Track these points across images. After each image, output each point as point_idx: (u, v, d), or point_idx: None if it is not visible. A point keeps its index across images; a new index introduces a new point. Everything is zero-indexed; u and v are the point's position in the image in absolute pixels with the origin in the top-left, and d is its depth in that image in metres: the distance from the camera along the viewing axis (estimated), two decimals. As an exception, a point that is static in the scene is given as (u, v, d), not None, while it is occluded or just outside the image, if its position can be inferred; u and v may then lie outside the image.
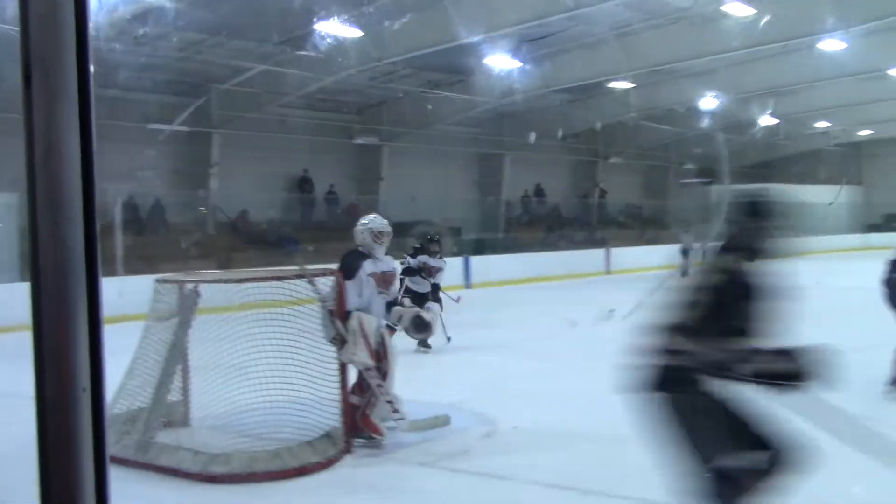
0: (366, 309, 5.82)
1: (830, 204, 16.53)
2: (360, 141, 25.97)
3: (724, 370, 3.15)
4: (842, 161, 43.70)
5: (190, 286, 5.94)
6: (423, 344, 10.56)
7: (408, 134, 26.39)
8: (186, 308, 5.90)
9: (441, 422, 6.19)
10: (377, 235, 6.12)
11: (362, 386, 5.87)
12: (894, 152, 42.25)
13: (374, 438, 5.67)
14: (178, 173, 21.71)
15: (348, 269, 5.93)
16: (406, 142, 26.60)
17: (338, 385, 5.54)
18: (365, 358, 5.68)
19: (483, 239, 26.17)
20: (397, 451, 5.50)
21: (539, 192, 32.12)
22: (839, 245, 36.55)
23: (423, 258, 10.58)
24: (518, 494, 4.65)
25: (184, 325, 5.90)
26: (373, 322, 5.83)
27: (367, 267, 5.97)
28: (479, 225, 28.19)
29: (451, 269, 20.69)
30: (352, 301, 5.78)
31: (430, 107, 25.20)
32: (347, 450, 5.47)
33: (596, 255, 25.94)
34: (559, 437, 5.74)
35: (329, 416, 5.50)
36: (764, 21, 19.45)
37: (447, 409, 6.54)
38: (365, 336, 5.67)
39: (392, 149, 26.63)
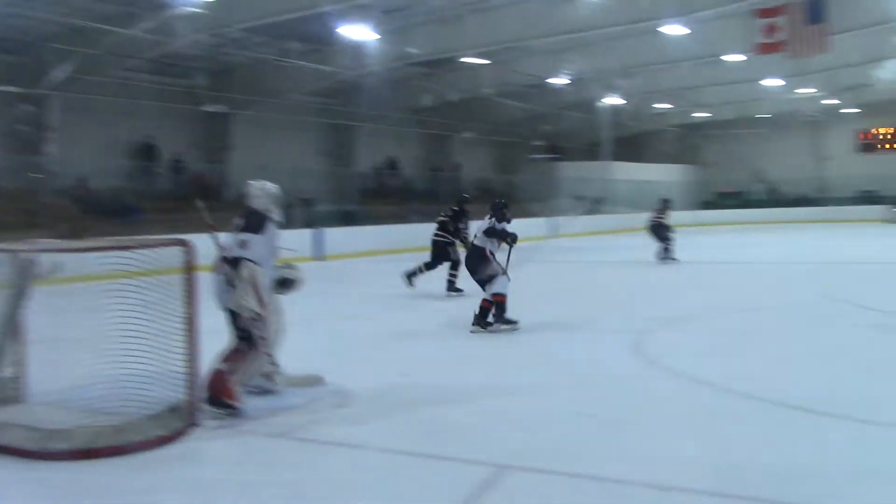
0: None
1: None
2: (208, 108, 25.16)
3: None
4: (679, 140, 46.01)
5: (26, 255, 5.62)
6: (453, 289, 12.29)
7: (259, 102, 25.74)
8: (21, 278, 5.59)
9: (314, 380, 6.30)
10: (276, 199, 6.18)
11: (235, 351, 5.82)
12: (727, 134, 44.81)
13: (231, 408, 5.59)
14: (11, 137, 20.38)
15: (259, 223, 5.93)
16: (257, 110, 25.96)
17: (185, 358, 5.40)
18: (253, 305, 5.68)
19: (335, 211, 25.99)
20: (246, 423, 5.43)
21: (392, 164, 32.19)
22: (677, 220, 38.49)
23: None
24: (367, 461, 4.71)
25: (18, 297, 5.59)
26: (265, 275, 5.86)
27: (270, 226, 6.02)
28: (332, 196, 27.96)
29: (304, 240, 20.58)
30: (258, 252, 5.81)
31: (281, 76, 24.74)
32: (194, 423, 5.36)
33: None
34: (407, 405, 5.82)
35: (175, 389, 5.36)
36: (613, 2, 20.17)
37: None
38: (255, 286, 5.71)
39: (242, 117, 25.93)
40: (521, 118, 36.82)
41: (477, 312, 8.73)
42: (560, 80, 29.34)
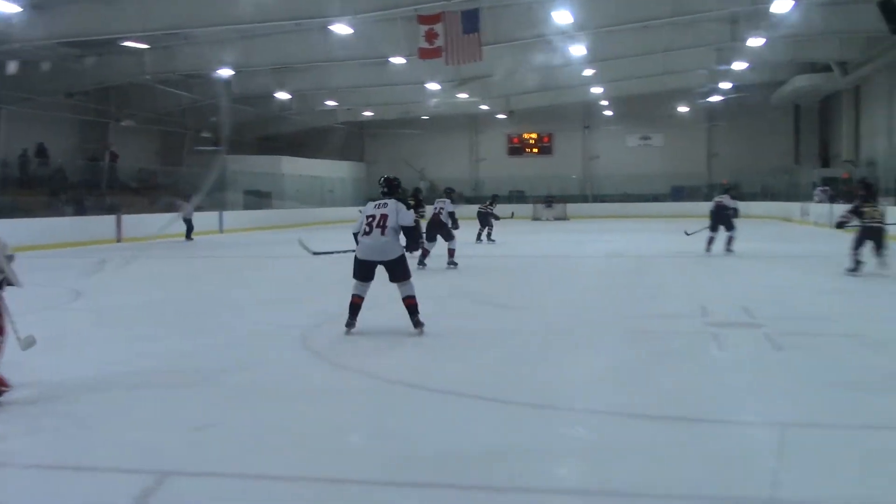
0: None
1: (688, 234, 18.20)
2: None
3: None
4: (347, 138, 47.13)
5: None
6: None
7: None
8: None
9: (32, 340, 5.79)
10: None
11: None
12: (391, 132, 46.69)
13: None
14: None
15: None
16: None
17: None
18: None
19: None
20: None
21: (41, 151, 29.36)
22: (344, 216, 39.38)
23: None
24: (12, 481, 4.23)
25: None
26: None
27: None
28: (-32, 186, 25.00)
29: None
30: None
31: None
32: None
33: (106, 221, 24.57)
34: (53, 416, 5.34)
35: None
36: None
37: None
38: None
39: None
40: (186, 108, 35.48)
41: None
42: (227, 72, 28.67)
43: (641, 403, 5.44)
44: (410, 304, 7.88)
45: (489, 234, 21.50)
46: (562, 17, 21.88)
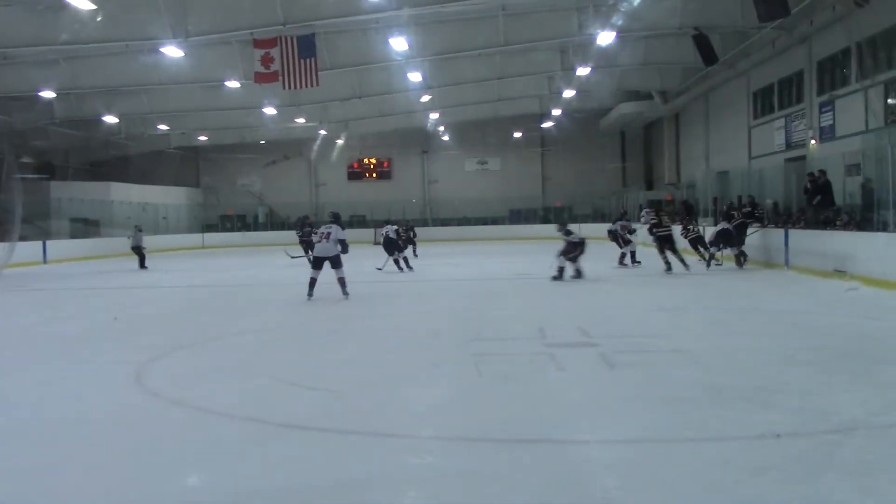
0: None
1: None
2: None
3: None
4: (182, 163, 45.70)
5: None
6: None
7: None
8: None
9: None
10: None
11: None
12: (228, 157, 45.67)
13: None
14: None
15: None
16: None
17: None
18: None
19: None
20: None
21: None
22: (181, 243, 38.15)
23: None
24: None
25: None
26: None
27: None
28: None
29: None
30: None
31: None
32: None
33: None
34: None
35: None
36: (105, 18, 19.29)
37: None
38: None
39: None
40: (2, 131, 33.33)
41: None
42: (49, 94, 27.20)
43: (484, 427, 5.52)
44: (341, 280, 13.68)
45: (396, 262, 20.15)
46: (398, 43, 22.14)
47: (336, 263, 13.63)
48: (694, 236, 18.74)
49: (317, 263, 13.63)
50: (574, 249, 15.91)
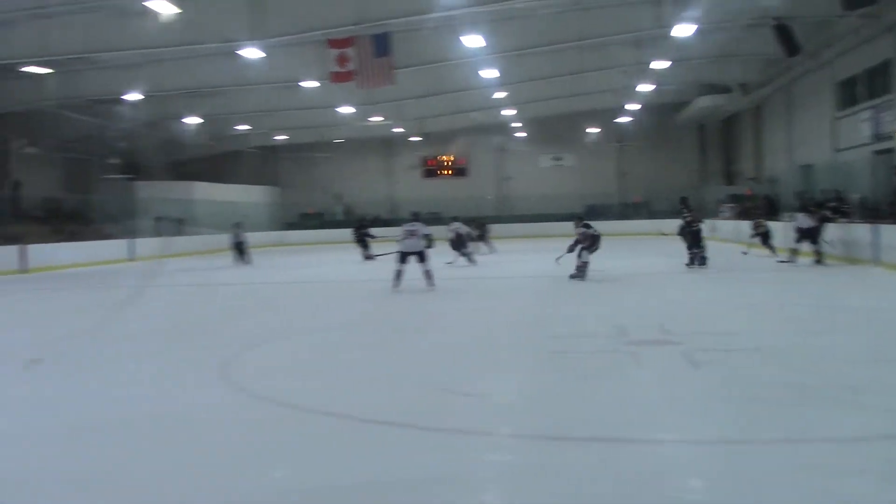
0: None
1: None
2: None
3: None
4: (261, 163, 46.61)
5: None
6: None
7: None
8: None
9: None
10: None
11: None
12: (306, 156, 46.38)
13: None
14: None
15: None
16: None
17: None
18: None
19: None
20: None
21: (-64, 181, 28.15)
22: (262, 241, 38.88)
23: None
24: None
25: None
26: None
27: None
28: None
29: None
30: None
31: None
32: None
33: (8, 252, 23.64)
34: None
35: None
36: (187, 21, 19.78)
37: None
38: None
39: None
40: (92, 134, 34.52)
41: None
42: (135, 96, 28.04)
43: (562, 425, 5.48)
44: (427, 273, 14.57)
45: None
46: (472, 40, 22.13)
47: (423, 258, 14.61)
48: (763, 231, 18.51)
49: (403, 258, 14.44)
50: (595, 242, 15.68)
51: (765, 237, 18.84)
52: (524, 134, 44.35)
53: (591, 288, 14.80)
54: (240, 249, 25.44)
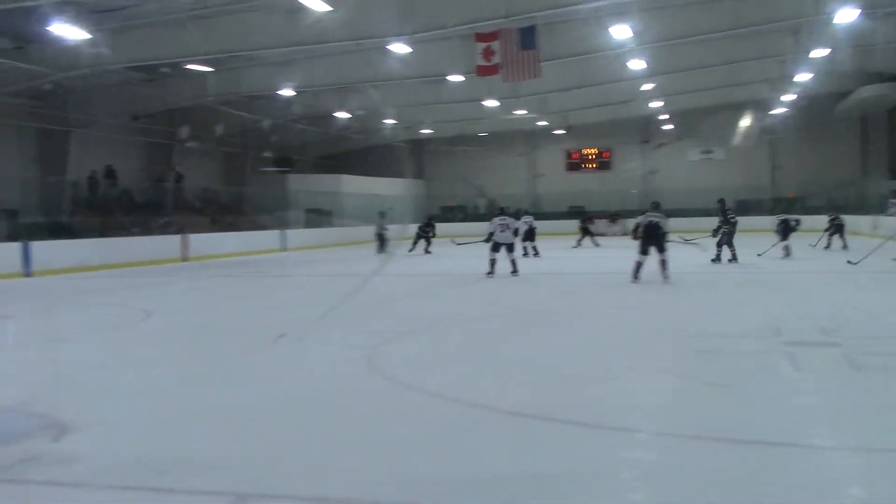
0: None
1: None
2: None
3: None
4: (407, 156, 47.42)
5: None
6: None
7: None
8: None
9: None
10: None
11: None
12: (449, 150, 46.82)
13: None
14: None
15: None
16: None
17: None
18: None
19: (44, 223, 23.93)
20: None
21: (110, 173, 30.12)
22: (406, 233, 39.54)
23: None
24: (93, 499, 4.29)
25: None
26: None
27: None
28: (39, 207, 25.72)
29: (5, 255, 18.78)
30: None
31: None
32: None
33: (172, 241, 25.10)
34: (132, 435, 5.42)
35: None
36: (338, 18, 20.31)
37: (4, 413, 5.90)
38: None
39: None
40: (248, 128, 36.10)
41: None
42: (288, 92, 29.09)
43: (713, 426, 5.30)
44: (513, 262, 16.57)
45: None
46: (620, 31, 21.74)
47: (511, 248, 16.80)
48: None
49: (496, 248, 16.50)
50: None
51: None
52: (671, 126, 43.22)
53: (739, 285, 14.28)
54: (382, 239, 26.12)
